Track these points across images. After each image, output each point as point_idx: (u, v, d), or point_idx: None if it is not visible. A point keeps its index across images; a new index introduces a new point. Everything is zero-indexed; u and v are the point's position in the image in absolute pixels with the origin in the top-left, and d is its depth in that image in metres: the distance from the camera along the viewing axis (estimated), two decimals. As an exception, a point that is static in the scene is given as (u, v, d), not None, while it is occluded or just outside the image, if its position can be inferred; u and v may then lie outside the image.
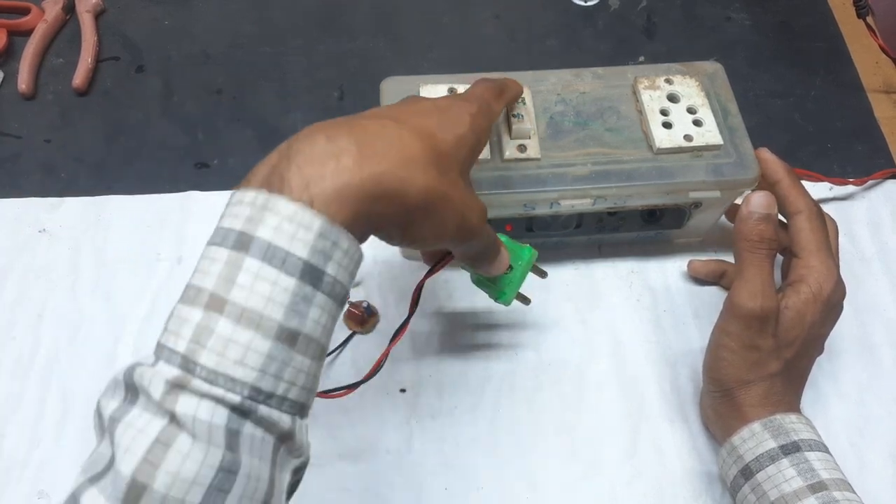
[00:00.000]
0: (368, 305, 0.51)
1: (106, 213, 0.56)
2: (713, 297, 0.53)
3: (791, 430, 0.41)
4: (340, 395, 0.43)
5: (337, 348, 0.50)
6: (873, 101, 0.63)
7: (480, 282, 0.44)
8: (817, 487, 0.39)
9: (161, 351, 0.27)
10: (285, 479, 0.29)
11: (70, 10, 0.66)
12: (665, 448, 0.48)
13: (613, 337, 0.52)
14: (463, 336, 0.51)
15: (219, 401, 0.26)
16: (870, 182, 0.58)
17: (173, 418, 0.25)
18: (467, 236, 0.35)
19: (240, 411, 0.26)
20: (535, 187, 0.45)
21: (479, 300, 0.52)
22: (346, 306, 0.50)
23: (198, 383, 0.26)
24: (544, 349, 0.51)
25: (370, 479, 0.46)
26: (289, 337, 0.27)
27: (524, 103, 0.47)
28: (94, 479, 0.25)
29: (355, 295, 0.52)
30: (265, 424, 0.27)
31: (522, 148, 0.46)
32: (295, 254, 0.27)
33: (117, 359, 0.49)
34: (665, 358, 0.51)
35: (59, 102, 0.62)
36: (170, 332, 0.27)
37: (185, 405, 0.25)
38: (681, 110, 0.47)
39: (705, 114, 0.47)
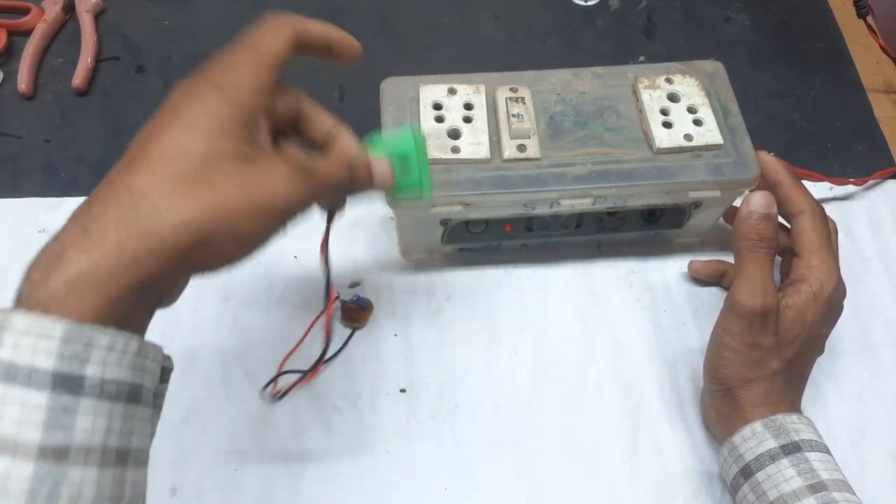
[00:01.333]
0: (360, 298, 0.51)
1: (106, 213, 0.56)
2: (713, 296, 0.53)
3: (792, 430, 0.41)
4: (304, 380, 0.42)
5: (340, 349, 0.50)
6: (873, 101, 0.63)
7: (397, 195, 0.41)
8: (817, 488, 0.39)
9: None
10: None
11: (70, 10, 0.66)
12: (665, 448, 0.48)
13: (613, 337, 0.52)
14: (462, 336, 0.51)
15: None
16: (870, 182, 0.58)
17: None
18: (297, 205, 0.32)
19: None
20: (534, 187, 0.45)
21: (480, 300, 0.53)
22: (339, 304, 0.51)
23: None
24: (544, 349, 0.51)
25: (370, 479, 0.46)
26: (55, 454, 0.25)
27: (524, 103, 0.47)
28: None
29: (354, 294, 0.52)
30: None
31: (522, 148, 0.46)
32: (40, 367, 0.25)
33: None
34: (665, 358, 0.51)
35: (59, 102, 0.62)
36: None
37: None
38: (681, 110, 0.47)
39: (705, 113, 0.47)
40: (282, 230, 0.32)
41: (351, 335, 0.51)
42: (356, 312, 0.51)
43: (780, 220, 0.47)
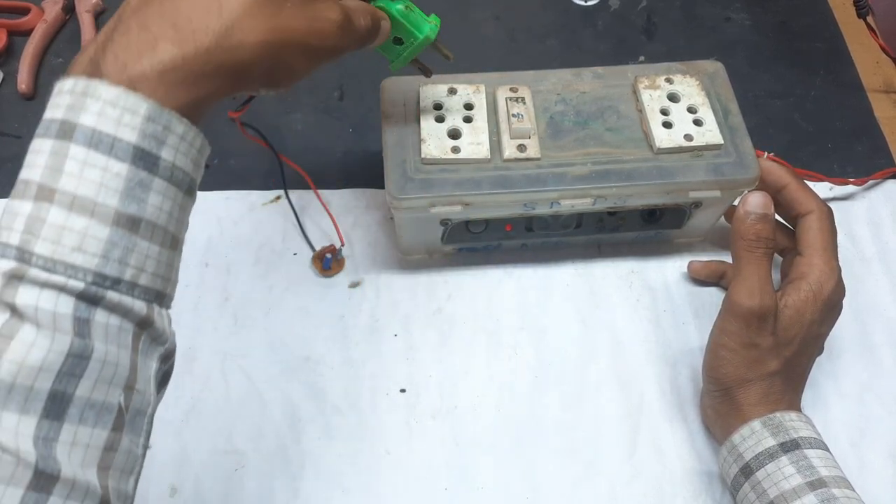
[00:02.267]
0: (329, 257, 0.52)
1: (106, 213, 0.56)
2: (713, 296, 0.53)
3: (791, 428, 0.41)
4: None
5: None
6: (873, 101, 0.63)
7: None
8: (817, 485, 0.39)
9: None
10: (151, 365, 0.29)
11: (70, 9, 0.66)
12: (665, 447, 0.48)
13: (613, 337, 0.52)
14: (462, 336, 0.51)
15: (61, 289, 0.26)
16: (870, 182, 0.58)
17: (14, 311, 0.25)
18: (334, 50, 0.34)
19: (87, 298, 0.26)
20: (534, 187, 0.45)
21: (480, 300, 0.53)
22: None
23: (35, 273, 0.25)
24: (544, 349, 0.51)
25: (370, 480, 0.46)
26: (129, 222, 0.27)
27: (524, 103, 0.47)
28: None
29: (354, 293, 0.52)
30: (119, 311, 0.27)
31: (522, 148, 0.46)
32: (123, 139, 0.27)
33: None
34: (665, 358, 0.51)
35: (59, 102, 0.62)
36: (2, 229, 0.27)
37: (26, 296, 0.25)
38: (681, 110, 0.47)
39: (706, 113, 0.47)
40: (317, 66, 0.35)
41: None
42: (321, 257, 0.52)
43: (782, 221, 0.47)
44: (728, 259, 0.54)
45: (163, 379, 0.31)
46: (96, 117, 0.26)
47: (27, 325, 0.25)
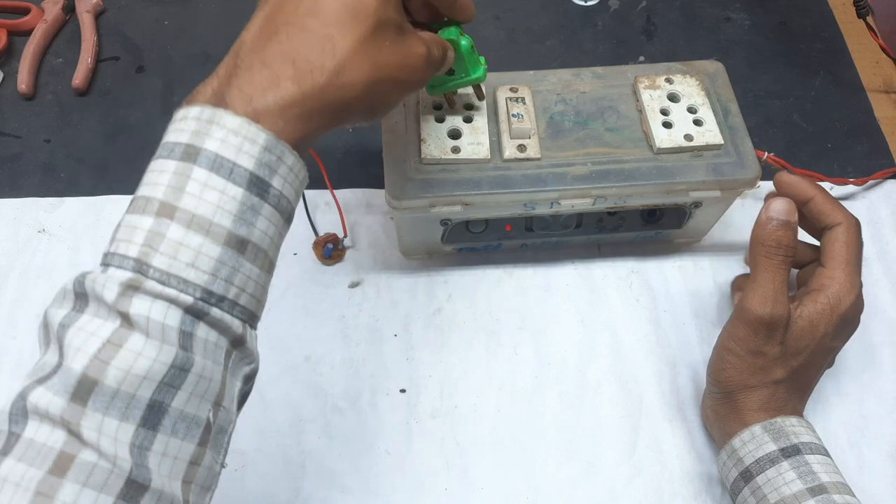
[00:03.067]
0: (331, 246, 0.53)
1: (106, 213, 0.56)
2: (713, 297, 0.53)
3: (791, 433, 0.41)
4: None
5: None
6: (873, 101, 0.63)
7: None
8: (817, 490, 0.39)
9: (111, 258, 0.28)
10: (236, 384, 0.31)
11: (70, 10, 0.66)
12: (664, 448, 0.48)
13: (613, 337, 0.52)
14: (462, 336, 0.51)
15: (172, 301, 0.27)
16: (870, 182, 0.58)
17: (125, 320, 0.26)
18: (420, 81, 0.36)
19: (193, 313, 0.27)
20: (534, 187, 0.45)
21: (480, 300, 0.53)
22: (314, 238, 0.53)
23: (151, 284, 0.27)
24: (544, 349, 0.51)
25: (370, 479, 0.46)
26: (238, 244, 0.28)
27: (524, 103, 0.47)
28: (42, 381, 0.26)
29: (355, 293, 0.52)
30: (218, 328, 0.28)
31: (522, 148, 0.46)
32: (242, 165, 0.28)
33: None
34: (664, 358, 0.51)
35: (59, 102, 0.62)
36: (119, 241, 0.28)
37: (139, 306, 0.26)
38: (681, 110, 0.47)
39: (706, 113, 0.47)
40: (403, 99, 0.38)
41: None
42: (323, 244, 0.53)
43: (805, 235, 0.46)
44: (729, 259, 0.54)
45: (242, 399, 0.32)
46: (220, 143, 0.28)
47: (136, 334, 0.26)
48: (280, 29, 0.31)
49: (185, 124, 0.29)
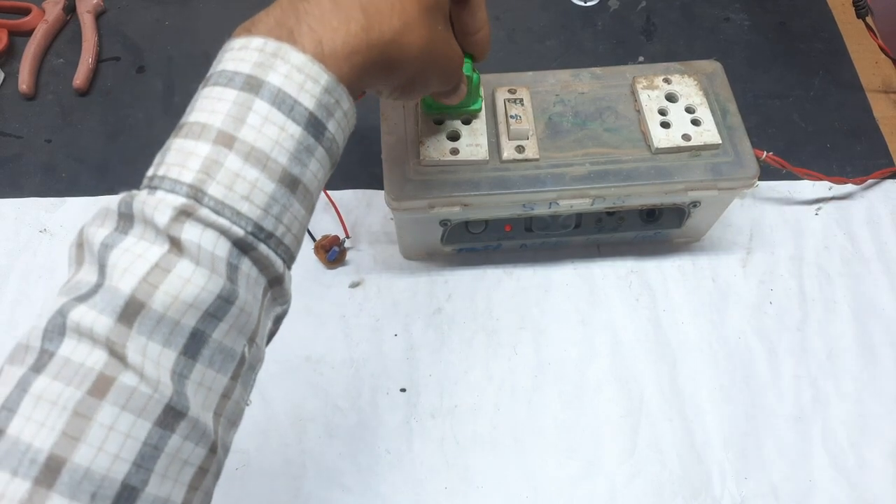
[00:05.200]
0: (337, 249, 0.53)
1: (106, 214, 0.56)
2: (712, 296, 0.53)
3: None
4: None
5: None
6: (872, 101, 0.63)
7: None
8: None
9: (161, 182, 0.27)
10: (268, 324, 0.30)
11: (71, 10, 0.66)
12: (664, 447, 0.48)
13: (613, 336, 0.52)
14: (462, 336, 0.51)
15: (224, 232, 0.26)
16: (869, 182, 0.58)
17: (175, 245, 0.26)
18: (452, 81, 0.37)
19: (241, 246, 0.27)
20: (533, 188, 0.45)
21: (480, 300, 0.53)
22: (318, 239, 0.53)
23: (205, 213, 0.26)
24: (544, 349, 0.51)
25: (370, 478, 0.46)
26: (291, 182, 0.28)
27: (522, 104, 0.47)
28: (82, 299, 0.25)
29: (355, 293, 0.53)
30: (261, 265, 0.28)
31: (521, 149, 0.46)
32: (303, 103, 0.28)
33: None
34: (664, 357, 0.51)
35: (60, 103, 0.62)
36: (171, 165, 0.27)
37: (191, 232, 0.26)
38: (679, 110, 0.48)
39: (704, 113, 0.47)
40: (428, 93, 0.37)
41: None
42: (327, 247, 0.53)
43: None
44: (729, 258, 0.55)
45: (269, 338, 0.32)
46: (283, 78, 0.27)
47: (185, 261, 0.25)
48: None
49: (247, 54, 0.28)
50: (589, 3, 0.69)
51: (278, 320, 0.32)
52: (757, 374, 0.50)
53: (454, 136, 0.46)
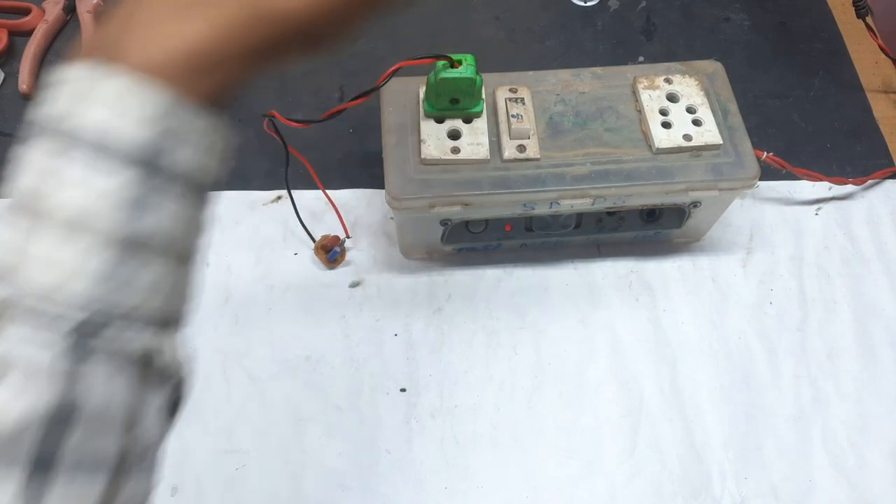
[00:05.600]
0: (338, 249, 0.53)
1: (106, 214, 0.56)
2: (712, 296, 0.53)
3: None
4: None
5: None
6: (872, 101, 0.63)
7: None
8: None
9: None
10: (154, 401, 0.26)
11: (70, 10, 0.66)
12: (664, 447, 0.48)
13: (613, 336, 0.52)
14: (462, 336, 0.51)
15: (51, 325, 0.21)
16: (869, 182, 0.58)
17: None
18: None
19: (82, 334, 0.22)
20: (534, 187, 0.45)
21: (480, 300, 0.53)
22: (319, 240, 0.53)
23: (23, 307, 0.21)
24: (544, 349, 0.51)
25: (370, 479, 0.46)
26: (128, 241, 0.22)
27: (523, 103, 0.47)
28: None
29: (355, 293, 0.53)
30: (118, 344, 0.23)
31: (522, 148, 0.46)
32: (132, 138, 0.22)
33: (118, 358, 0.49)
34: (664, 357, 0.51)
35: (60, 103, 0.62)
36: None
37: (11, 336, 0.21)
38: (680, 110, 0.48)
39: (705, 113, 0.47)
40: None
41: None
42: (327, 248, 0.53)
43: None
44: (729, 258, 0.54)
45: (172, 407, 0.28)
46: (103, 113, 0.22)
47: (13, 373, 0.21)
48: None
49: (60, 90, 0.23)
50: (589, 3, 0.69)
51: (177, 387, 0.27)
52: (757, 374, 0.50)
53: (455, 135, 0.46)
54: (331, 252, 0.52)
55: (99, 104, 0.22)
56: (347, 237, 0.53)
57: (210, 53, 0.24)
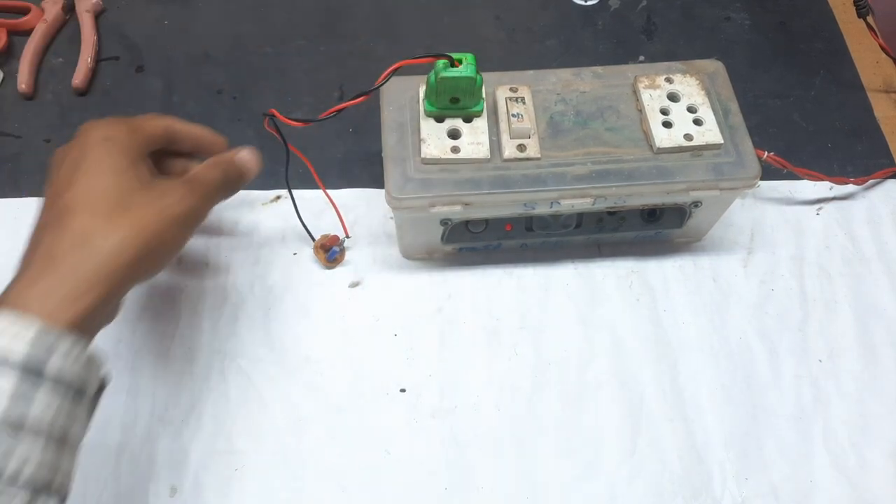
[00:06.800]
0: (337, 249, 0.53)
1: (106, 213, 0.55)
2: (713, 296, 0.53)
3: None
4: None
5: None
6: (873, 101, 0.63)
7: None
8: None
9: None
10: None
11: (70, 9, 0.66)
12: (664, 447, 0.48)
13: (613, 336, 0.52)
14: (462, 336, 0.51)
15: None
16: (870, 182, 0.58)
17: None
18: (194, 214, 0.40)
19: None
20: (534, 187, 0.45)
21: (480, 300, 0.53)
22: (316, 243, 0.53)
23: None
24: (544, 349, 0.51)
25: (370, 478, 0.46)
26: (13, 426, 0.30)
27: (524, 102, 0.47)
28: None
29: (355, 293, 0.53)
30: None
31: (522, 147, 0.46)
32: (14, 352, 0.31)
33: (119, 358, 0.49)
34: (665, 358, 0.51)
35: (59, 102, 0.62)
36: None
37: None
38: (681, 109, 0.47)
39: (705, 113, 0.47)
40: (193, 231, 0.40)
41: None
42: (326, 247, 0.53)
43: None
44: (729, 258, 0.54)
45: None
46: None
47: None
48: (45, 230, 0.36)
49: None
50: (589, 3, 0.69)
51: None
52: (758, 374, 0.50)
53: (455, 135, 0.46)
54: (330, 251, 0.52)
55: None
56: (347, 237, 0.53)
57: (61, 296, 0.34)
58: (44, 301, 0.33)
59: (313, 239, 0.53)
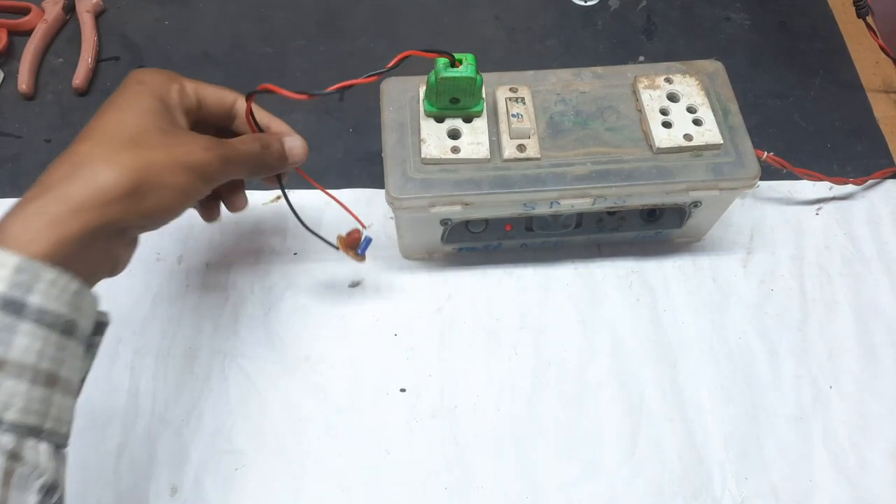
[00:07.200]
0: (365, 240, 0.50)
1: (106, 213, 0.56)
2: (713, 295, 0.53)
3: None
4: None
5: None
6: (873, 101, 0.63)
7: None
8: None
9: None
10: (29, 498, 0.30)
11: (70, 9, 0.66)
12: (664, 447, 0.48)
13: (613, 336, 0.52)
14: (463, 336, 0.51)
15: None
16: (870, 182, 0.58)
17: None
18: (207, 169, 0.37)
19: None
20: (534, 187, 0.45)
21: (480, 300, 0.53)
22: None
23: None
24: (544, 349, 0.51)
25: (370, 478, 0.46)
26: None
27: (524, 103, 0.47)
28: None
29: (355, 292, 0.53)
30: None
31: (522, 148, 0.46)
32: None
33: (119, 359, 0.49)
34: (664, 357, 0.51)
35: (60, 102, 0.62)
36: None
37: None
38: (681, 109, 0.47)
39: (705, 113, 0.47)
40: (202, 188, 0.37)
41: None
42: (351, 243, 0.49)
43: None
44: (729, 258, 0.54)
45: None
46: None
47: None
48: (52, 162, 0.35)
49: None
50: (589, 3, 0.69)
51: (50, 491, 0.31)
52: (758, 374, 0.50)
53: (455, 135, 0.46)
54: (360, 245, 0.50)
55: None
56: (364, 227, 0.51)
57: (42, 222, 0.32)
58: (26, 225, 0.31)
59: (335, 248, 0.50)
